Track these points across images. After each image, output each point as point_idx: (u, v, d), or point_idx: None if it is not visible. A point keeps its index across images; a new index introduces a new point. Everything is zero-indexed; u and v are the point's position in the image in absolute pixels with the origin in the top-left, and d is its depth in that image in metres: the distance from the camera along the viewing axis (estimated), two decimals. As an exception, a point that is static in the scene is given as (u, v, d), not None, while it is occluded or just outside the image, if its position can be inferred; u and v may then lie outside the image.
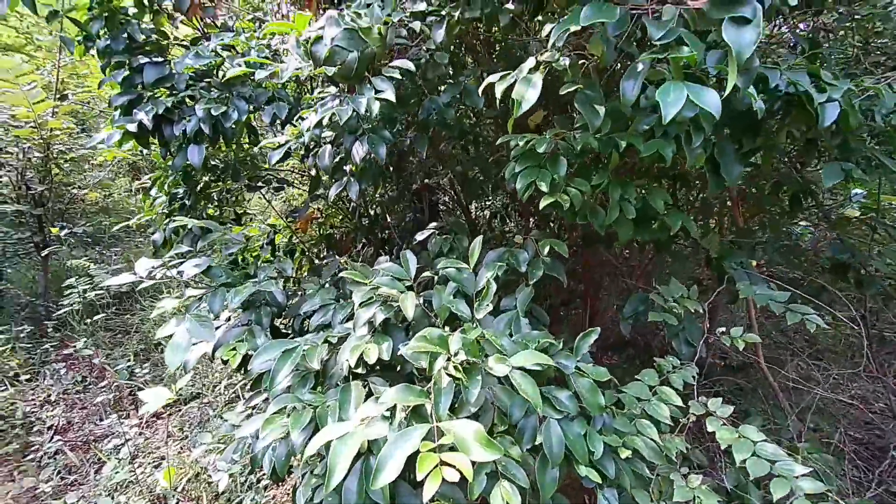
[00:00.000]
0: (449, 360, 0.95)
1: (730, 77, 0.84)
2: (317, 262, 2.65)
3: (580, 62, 1.18)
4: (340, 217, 2.38)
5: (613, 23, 0.90)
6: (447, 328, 1.28)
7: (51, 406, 3.19)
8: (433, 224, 1.69)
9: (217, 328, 1.49)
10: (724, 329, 1.46)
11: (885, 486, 1.79)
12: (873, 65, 1.95)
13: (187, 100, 1.60)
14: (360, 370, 1.19)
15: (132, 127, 1.50)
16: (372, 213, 2.30)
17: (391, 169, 1.82)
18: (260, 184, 1.97)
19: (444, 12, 1.45)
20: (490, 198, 2.21)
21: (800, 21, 1.74)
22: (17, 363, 3.43)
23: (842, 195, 2.29)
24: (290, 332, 1.78)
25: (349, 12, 1.25)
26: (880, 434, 2.11)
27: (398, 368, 1.30)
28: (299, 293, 1.87)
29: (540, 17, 1.60)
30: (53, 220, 4.15)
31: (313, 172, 1.54)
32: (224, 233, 1.57)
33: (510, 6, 1.42)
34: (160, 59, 1.61)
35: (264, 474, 2.41)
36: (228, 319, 1.64)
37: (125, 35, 1.58)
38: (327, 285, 1.74)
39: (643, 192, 1.49)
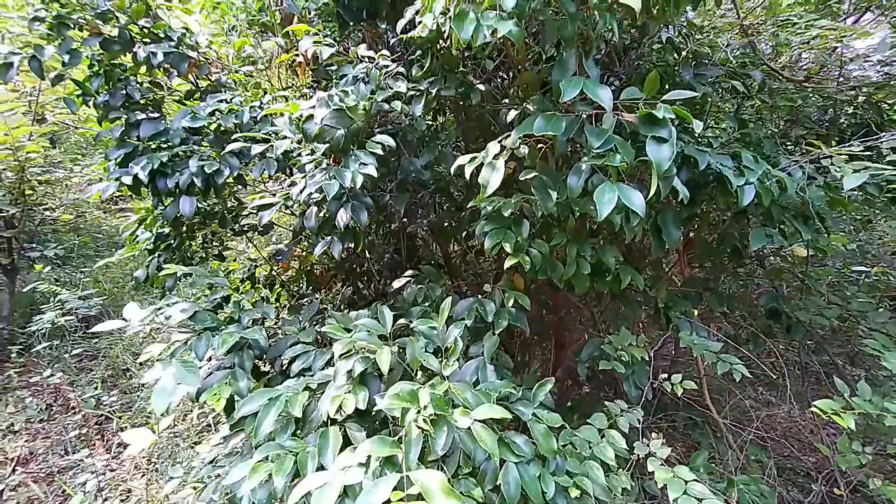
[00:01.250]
0: (419, 412, 1.08)
1: (652, 183, 1.03)
2: (296, 295, 2.74)
3: (538, 146, 1.36)
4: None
5: (561, 128, 1.08)
6: (420, 374, 1.42)
7: (13, 436, 3.10)
8: (409, 272, 1.83)
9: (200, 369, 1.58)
10: (666, 375, 1.64)
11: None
12: (800, 136, 2.23)
13: (180, 152, 1.71)
14: (337, 416, 1.30)
15: (128, 179, 1.60)
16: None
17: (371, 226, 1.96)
18: (246, 228, 2.07)
19: (422, 87, 1.63)
20: (463, 243, 2.37)
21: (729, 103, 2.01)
22: (-23, 391, 3.33)
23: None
24: (269, 369, 1.87)
25: (337, 91, 1.41)
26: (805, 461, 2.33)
27: (373, 414, 1.42)
28: (279, 332, 1.97)
29: (511, 92, 1.80)
30: (23, 242, 4.08)
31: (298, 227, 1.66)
32: (211, 279, 1.67)
33: (481, 87, 1.61)
34: (156, 115, 1.72)
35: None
36: (210, 359, 1.72)
37: (123, 92, 1.69)
38: (307, 326, 1.85)
39: (596, 249, 1.68)
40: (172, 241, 2.02)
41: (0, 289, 4.22)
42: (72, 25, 1.50)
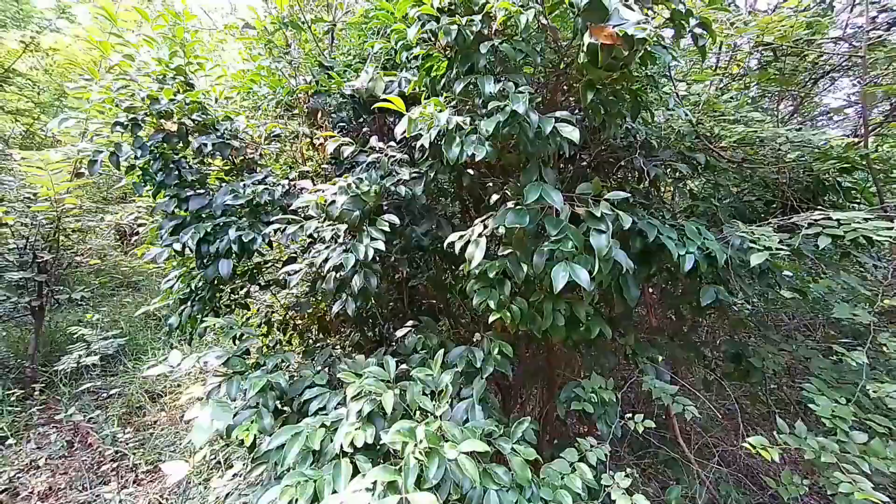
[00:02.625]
0: (416, 446, 1.35)
1: (595, 264, 1.35)
2: (307, 340, 3.02)
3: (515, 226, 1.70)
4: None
5: (527, 222, 1.42)
6: (417, 413, 1.69)
7: (37, 471, 3.30)
8: (410, 322, 2.13)
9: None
10: (630, 415, 1.89)
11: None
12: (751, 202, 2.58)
13: (222, 223, 2.05)
14: (349, 449, 1.56)
15: (177, 246, 1.94)
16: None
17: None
18: (270, 282, 2.39)
19: (423, 170, 1.99)
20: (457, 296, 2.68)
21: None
22: (3, 426, 3.55)
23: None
24: (287, 408, 2.13)
25: (354, 180, 1.77)
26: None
27: (378, 447, 1.68)
28: (296, 375, 2.24)
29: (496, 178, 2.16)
30: (52, 285, 4.40)
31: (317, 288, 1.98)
32: (242, 329, 1.97)
33: (470, 171, 1.97)
34: (202, 191, 2.08)
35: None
36: (234, 399, 1.99)
37: (176, 172, 2.06)
38: (321, 370, 2.13)
39: (571, 304, 1.98)
40: (205, 294, 2.34)
41: (27, 329, 4.50)
42: (142, 126, 1.88)
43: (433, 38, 1.50)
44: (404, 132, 1.46)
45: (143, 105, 1.92)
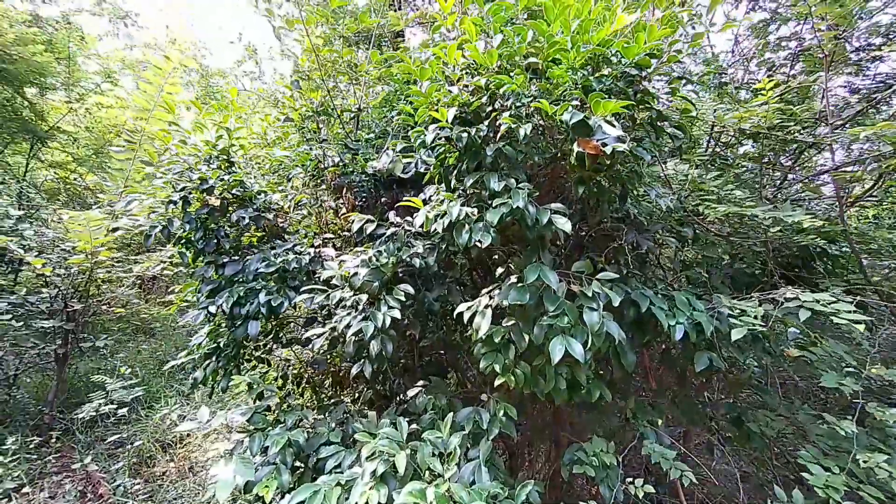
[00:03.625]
0: (426, 507, 1.46)
1: (588, 338, 1.51)
2: (322, 394, 3.15)
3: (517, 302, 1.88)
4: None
5: (527, 299, 1.60)
6: (427, 474, 1.79)
7: (49, 522, 3.34)
8: (421, 382, 2.27)
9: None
10: (632, 479, 1.97)
11: None
12: (742, 269, 2.75)
13: (254, 287, 2.26)
14: (362, 508, 1.67)
15: (213, 309, 2.14)
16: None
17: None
18: (291, 340, 2.57)
19: (435, 242, 2.22)
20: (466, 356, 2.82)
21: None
22: (21, 473, 3.63)
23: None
24: (302, 465, 2.23)
25: (374, 252, 1.99)
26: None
27: (389, 507, 1.77)
28: (311, 430, 2.36)
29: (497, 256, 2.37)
30: (79, 333, 4.61)
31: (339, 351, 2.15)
32: (265, 387, 2.12)
33: (487, 240, 2.19)
34: (236, 258, 2.32)
35: None
36: (255, 455, 2.11)
37: (215, 241, 2.31)
38: (335, 427, 2.25)
39: (572, 368, 2.11)
40: (230, 351, 2.51)
41: (49, 375, 4.66)
42: (191, 202, 2.16)
43: (447, 140, 1.76)
44: (422, 225, 1.69)
45: (193, 184, 2.20)
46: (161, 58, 3.59)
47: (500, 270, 1.96)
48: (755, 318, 2.00)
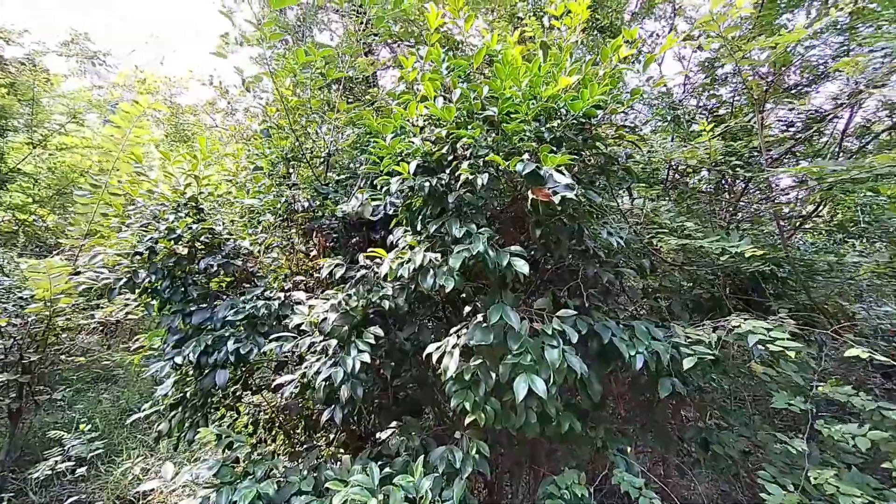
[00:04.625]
0: (398, 556, 1.46)
1: (550, 374, 1.58)
2: (293, 438, 3.07)
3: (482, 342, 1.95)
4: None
5: (492, 339, 1.67)
6: (400, 520, 1.78)
7: None
8: (394, 423, 2.27)
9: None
10: (604, 509, 2.00)
11: None
12: (700, 295, 2.91)
13: (222, 335, 2.24)
14: (335, 561, 1.64)
15: (179, 359, 2.11)
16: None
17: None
18: (261, 386, 2.53)
19: (405, 283, 2.27)
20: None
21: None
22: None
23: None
24: (272, 518, 2.16)
25: (343, 297, 2.02)
26: None
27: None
28: (282, 479, 2.30)
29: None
30: (34, 386, 4.36)
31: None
32: (234, 438, 2.08)
33: (450, 284, 2.26)
34: (204, 305, 2.30)
35: None
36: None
37: (182, 289, 2.29)
38: (307, 475, 2.20)
39: (541, 402, 2.16)
40: (197, 401, 2.45)
41: (0, 432, 4.36)
42: (157, 252, 2.16)
43: (410, 189, 1.85)
44: (387, 274, 1.75)
45: (160, 234, 2.21)
46: (130, 102, 3.62)
47: (467, 309, 2.03)
48: (709, 344, 2.12)
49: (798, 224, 3.07)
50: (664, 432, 2.72)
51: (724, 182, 3.44)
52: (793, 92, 3.52)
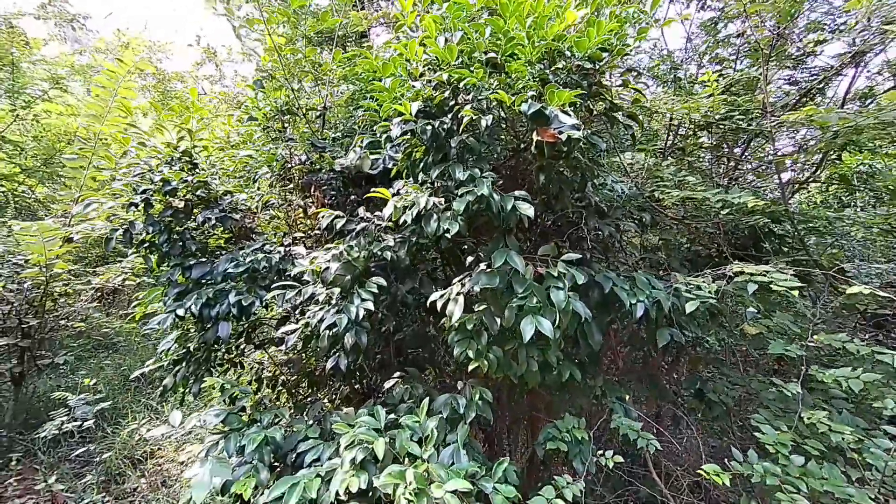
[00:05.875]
0: (405, 488, 1.50)
1: (556, 316, 1.59)
2: (297, 394, 3.12)
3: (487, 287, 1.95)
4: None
5: (497, 283, 1.67)
6: (406, 459, 1.83)
7: (11, 549, 3.16)
8: (397, 374, 2.30)
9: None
10: (602, 451, 2.07)
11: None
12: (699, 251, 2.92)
13: (223, 288, 2.24)
14: (344, 497, 1.69)
15: (181, 311, 2.11)
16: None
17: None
18: (265, 341, 2.54)
19: (406, 235, 2.25)
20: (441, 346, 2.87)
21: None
22: (-24, 502, 3.43)
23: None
24: (279, 464, 2.22)
25: (344, 247, 2.01)
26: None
27: (370, 493, 1.80)
28: (288, 429, 2.35)
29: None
30: (35, 350, 4.38)
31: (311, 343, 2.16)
32: (239, 389, 2.10)
33: (448, 235, 2.24)
34: (204, 259, 2.28)
35: None
36: (231, 456, 2.09)
37: (180, 244, 2.27)
38: (313, 424, 2.25)
39: (542, 351, 2.19)
40: (201, 355, 2.47)
41: (4, 396, 4.41)
42: (153, 205, 2.11)
43: (412, 133, 1.81)
44: (391, 216, 1.73)
45: (155, 186, 2.16)
46: (114, 62, 3.48)
47: (469, 259, 2.02)
48: (709, 292, 2.14)
49: (797, 188, 3.06)
50: (660, 385, 2.78)
51: (724, 146, 3.40)
52: (799, 45, 3.44)
